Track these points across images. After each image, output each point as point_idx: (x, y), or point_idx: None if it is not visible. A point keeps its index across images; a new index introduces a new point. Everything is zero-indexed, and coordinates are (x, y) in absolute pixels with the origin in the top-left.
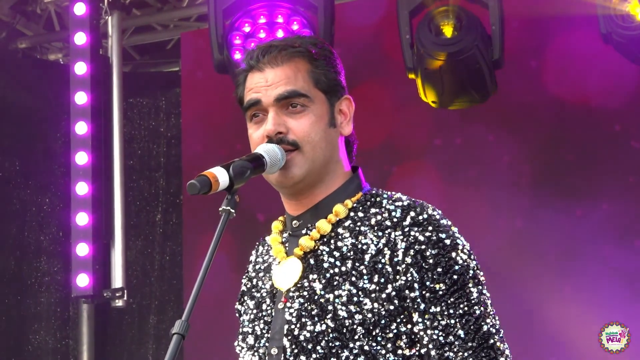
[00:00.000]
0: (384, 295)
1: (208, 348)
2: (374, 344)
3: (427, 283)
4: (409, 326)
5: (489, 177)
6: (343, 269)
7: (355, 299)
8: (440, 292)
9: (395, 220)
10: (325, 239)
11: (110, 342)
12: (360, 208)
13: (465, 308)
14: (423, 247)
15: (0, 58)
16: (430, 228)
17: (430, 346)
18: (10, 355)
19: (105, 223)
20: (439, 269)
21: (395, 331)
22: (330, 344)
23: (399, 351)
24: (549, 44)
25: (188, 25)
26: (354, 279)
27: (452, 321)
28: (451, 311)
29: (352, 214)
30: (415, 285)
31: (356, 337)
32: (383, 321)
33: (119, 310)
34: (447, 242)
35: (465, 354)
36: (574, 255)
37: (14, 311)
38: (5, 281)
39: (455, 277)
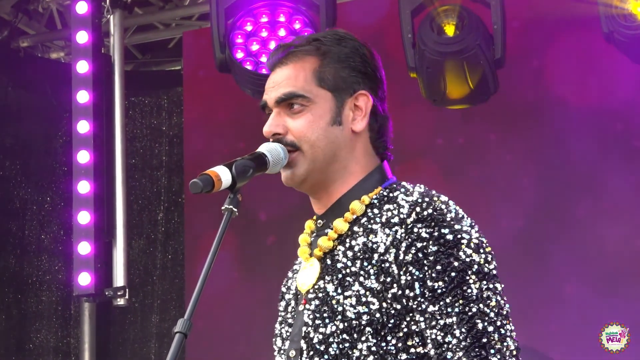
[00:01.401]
0: (390, 295)
1: (210, 347)
2: (383, 344)
3: (428, 282)
4: (419, 324)
5: (491, 176)
6: (353, 269)
7: (363, 299)
8: (439, 291)
9: (402, 216)
10: (342, 238)
11: (112, 341)
12: (377, 204)
13: (461, 306)
14: (425, 244)
15: (2, 57)
16: (433, 224)
17: (430, 346)
18: (11, 354)
19: (107, 222)
20: (438, 267)
21: (405, 330)
22: (340, 345)
23: (412, 350)
24: (550, 43)
25: (190, 24)
26: (362, 278)
27: (450, 320)
28: (449, 310)
29: (368, 210)
30: (416, 284)
31: (364, 337)
32: (392, 320)
33: (121, 309)
34: (450, 237)
35: (460, 353)
36: (575, 255)
37: (15, 310)
38: (6, 280)
39: (453, 274)
